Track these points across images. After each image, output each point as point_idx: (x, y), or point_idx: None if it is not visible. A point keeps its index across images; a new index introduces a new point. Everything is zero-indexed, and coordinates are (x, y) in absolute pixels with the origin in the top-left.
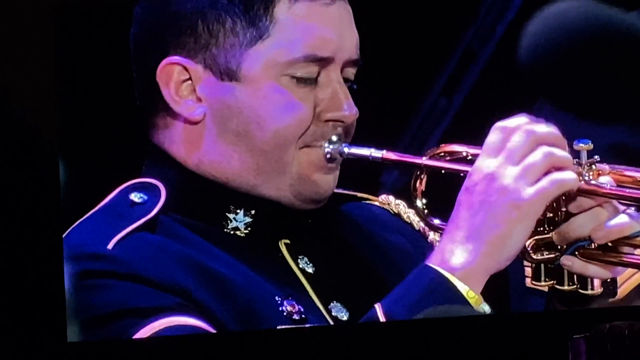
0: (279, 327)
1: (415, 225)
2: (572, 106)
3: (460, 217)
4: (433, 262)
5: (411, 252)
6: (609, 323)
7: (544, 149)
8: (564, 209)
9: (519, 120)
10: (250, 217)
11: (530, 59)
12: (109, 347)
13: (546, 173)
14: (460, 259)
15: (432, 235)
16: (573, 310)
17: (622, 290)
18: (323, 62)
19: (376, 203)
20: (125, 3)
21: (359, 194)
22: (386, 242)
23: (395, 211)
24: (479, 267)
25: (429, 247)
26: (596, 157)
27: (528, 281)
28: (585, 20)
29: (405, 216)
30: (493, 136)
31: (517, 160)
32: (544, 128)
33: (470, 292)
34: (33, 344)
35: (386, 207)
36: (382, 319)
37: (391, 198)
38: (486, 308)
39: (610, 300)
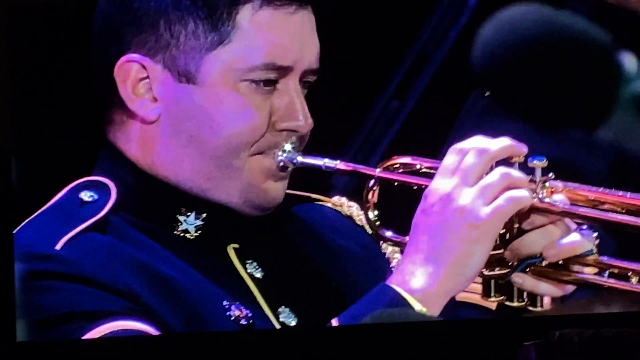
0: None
1: (367, 229)
2: (523, 111)
3: (419, 240)
4: (393, 283)
5: (362, 258)
6: (559, 331)
7: (501, 169)
8: (516, 226)
9: (474, 141)
10: (201, 221)
11: (483, 64)
12: (59, 348)
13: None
14: (420, 281)
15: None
16: (523, 317)
17: None
18: (282, 70)
19: (329, 204)
20: (80, 1)
21: (313, 195)
22: (337, 247)
23: (348, 213)
24: (438, 290)
25: (381, 253)
26: (551, 174)
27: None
28: (539, 25)
29: (357, 219)
30: (449, 158)
31: (473, 181)
32: (496, 145)
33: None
34: None
35: (338, 208)
36: None
37: (344, 200)
38: None
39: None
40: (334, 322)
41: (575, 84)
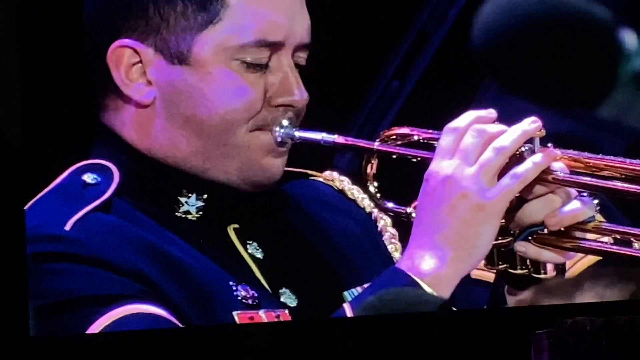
0: (236, 313)
1: (360, 203)
2: (523, 90)
3: (425, 222)
4: (403, 268)
5: (357, 234)
6: (571, 319)
7: (495, 144)
8: (517, 195)
9: (469, 119)
10: (202, 202)
11: (483, 43)
12: (71, 341)
13: (505, 167)
14: (430, 265)
15: (376, 213)
16: (535, 305)
17: (573, 271)
18: (274, 46)
19: (320, 179)
20: None
21: (304, 171)
22: (333, 224)
23: (340, 188)
24: (448, 272)
25: (374, 226)
26: (549, 144)
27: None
28: (539, 5)
29: (349, 193)
30: (446, 138)
31: (472, 160)
32: (495, 127)
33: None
34: None
35: (330, 183)
36: None
37: (335, 174)
38: None
39: (559, 280)
40: (346, 308)
41: (574, 64)
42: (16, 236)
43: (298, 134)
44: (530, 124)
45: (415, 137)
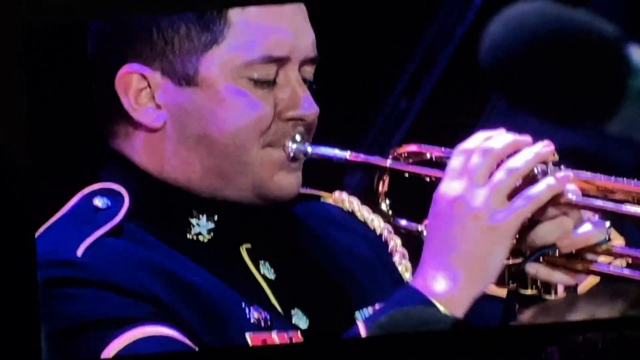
0: (248, 335)
1: (369, 224)
2: (532, 107)
3: (436, 243)
4: (416, 287)
5: (367, 254)
6: (583, 334)
7: (507, 165)
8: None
9: (479, 141)
10: (213, 223)
11: (491, 60)
12: None
13: (517, 188)
14: (443, 286)
15: (387, 234)
16: (546, 321)
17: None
18: (280, 62)
19: (330, 200)
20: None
21: (314, 192)
22: (343, 245)
23: (349, 209)
24: (462, 294)
25: (384, 247)
26: (562, 166)
27: None
28: (546, 22)
29: (359, 214)
30: (455, 160)
31: (482, 181)
32: (500, 142)
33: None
34: None
35: (340, 204)
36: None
37: (345, 195)
38: None
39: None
40: (361, 326)
41: (583, 80)
42: (27, 261)
43: (310, 149)
44: (544, 147)
45: (427, 155)
